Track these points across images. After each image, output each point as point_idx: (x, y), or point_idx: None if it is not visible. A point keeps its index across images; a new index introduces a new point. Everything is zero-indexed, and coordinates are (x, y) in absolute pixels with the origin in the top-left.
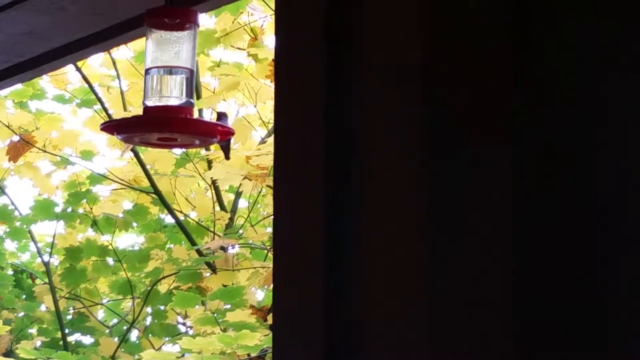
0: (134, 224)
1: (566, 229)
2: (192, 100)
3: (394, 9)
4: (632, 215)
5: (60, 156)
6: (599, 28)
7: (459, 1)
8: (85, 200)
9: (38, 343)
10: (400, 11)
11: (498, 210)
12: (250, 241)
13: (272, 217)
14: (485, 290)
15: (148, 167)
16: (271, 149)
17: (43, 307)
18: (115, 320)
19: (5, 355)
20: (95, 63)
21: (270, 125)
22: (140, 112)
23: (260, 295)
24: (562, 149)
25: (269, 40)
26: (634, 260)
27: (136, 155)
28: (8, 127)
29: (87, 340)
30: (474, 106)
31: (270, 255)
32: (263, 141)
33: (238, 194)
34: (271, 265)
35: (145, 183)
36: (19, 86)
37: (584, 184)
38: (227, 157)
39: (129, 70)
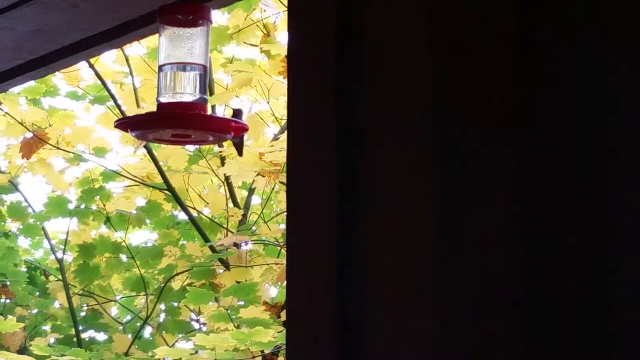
0: (147, 221)
1: (571, 229)
2: (205, 97)
3: (401, 7)
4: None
5: (74, 153)
6: (606, 28)
7: (464, 1)
8: (98, 196)
9: (52, 340)
10: (405, 10)
11: (504, 210)
12: (264, 238)
13: (285, 213)
14: (492, 290)
15: (161, 163)
16: (284, 145)
17: (57, 304)
18: (128, 317)
19: (19, 352)
20: (108, 60)
21: (283, 122)
22: (153, 108)
23: (274, 291)
24: (568, 150)
25: (282, 36)
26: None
27: (149, 151)
28: (21, 123)
29: (101, 337)
30: (481, 106)
31: (283, 251)
32: (276, 138)
33: (251, 191)
34: (284, 262)
35: (159, 180)
36: (31, 83)
37: (591, 184)
38: (240, 153)
39: (142, 67)
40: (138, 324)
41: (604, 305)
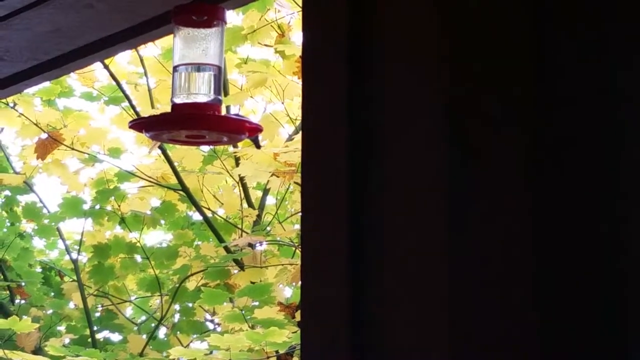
0: (162, 221)
1: (586, 227)
2: (220, 97)
3: (415, 5)
4: None
5: (88, 154)
6: (624, 26)
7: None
8: (113, 197)
9: (67, 340)
10: (419, 8)
11: (518, 209)
12: (278, 238)
13: (299, 214)
14: (505, 289)
15: (176, 164)
16: (299, 145)
17: (71, 305)
18: (143, 318)
19: (34, 352)
20: (123, 60)
21: (298, 122)
22: (168, 109)
23: (288, 292)
24: (585, 147)
25: (297, 36)
26: None
27: (164, 152)
28: (36, 124)
29: (116, 337)
30: (497, 103)
31: (298, 252)
32: (290, 138)
33: (266, 191)
34: (299, 262)
35: (173, 180)
36: (46, 84)
37: (600, 181)
38: (257, 146)
39: (156, 68)
40: (153, 325)
41: (612, 302)
